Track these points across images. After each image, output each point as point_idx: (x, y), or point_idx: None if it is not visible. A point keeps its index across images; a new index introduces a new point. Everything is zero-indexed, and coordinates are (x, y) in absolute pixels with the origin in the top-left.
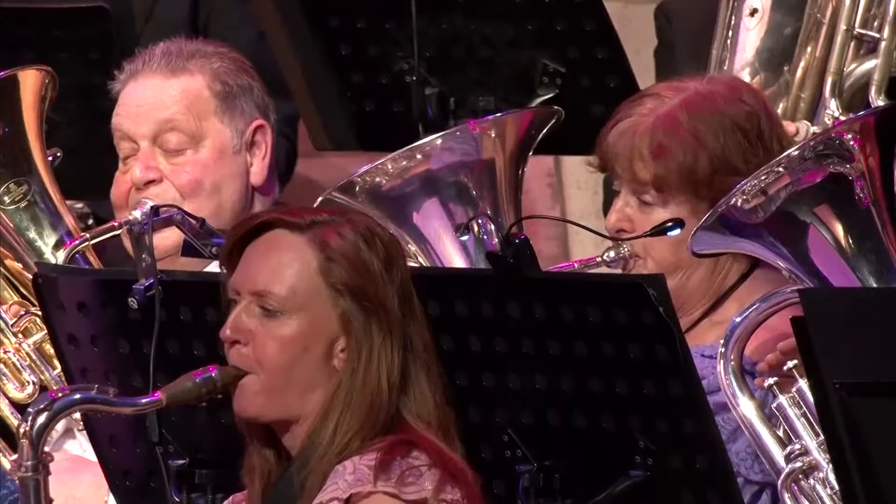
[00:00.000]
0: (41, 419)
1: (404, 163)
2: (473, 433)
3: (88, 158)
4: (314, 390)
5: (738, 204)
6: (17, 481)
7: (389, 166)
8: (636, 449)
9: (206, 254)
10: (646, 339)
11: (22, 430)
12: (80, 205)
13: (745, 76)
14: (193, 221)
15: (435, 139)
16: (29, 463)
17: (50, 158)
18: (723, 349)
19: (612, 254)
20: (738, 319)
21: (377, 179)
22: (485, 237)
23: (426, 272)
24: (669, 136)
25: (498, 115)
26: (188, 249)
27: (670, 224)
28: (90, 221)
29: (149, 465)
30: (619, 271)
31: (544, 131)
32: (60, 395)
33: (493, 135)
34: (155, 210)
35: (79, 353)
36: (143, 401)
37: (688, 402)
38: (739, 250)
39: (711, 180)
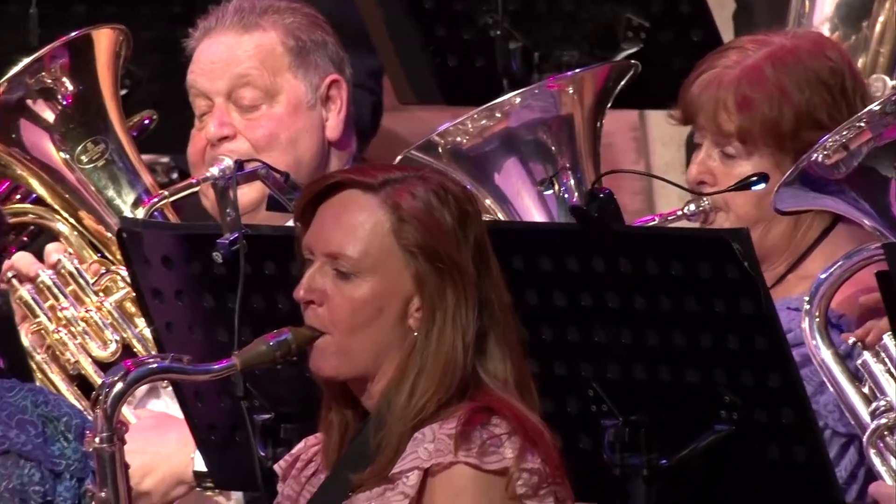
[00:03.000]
0: (115, 390)
1: (484, 121)
2: (559, 388)
3: (173, 112)
4: (389, 350)
5: (820, 160)
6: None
7: (469, 125)
8: (721, 403)
9: (291, 208)
10: (730, 293)
11: (96, 402)
12: (165, 159)
13: (825, 31)
14: (278, 175)
15: (513, 97)
16: (104, 434)
17: (146, 122)
18: (807, 306)
19: (692, 207)
20: (823, 276)
21: (457, 139)
22: (565, 193)
23: (511, 227)
24: (754, 89)
25: (576, 70)
26: (273, 204)
27: (754, 178)
28: (175, 175)
29: (234, 419)
30: (698, 224)
31: (622, 84)
32: (135, 365)
33: (570, 91)
34: (239, 164)
35: (163, 308)
36: (217, 367)
37: (772, 355)
38: (822, 207)
39: (796, 134)
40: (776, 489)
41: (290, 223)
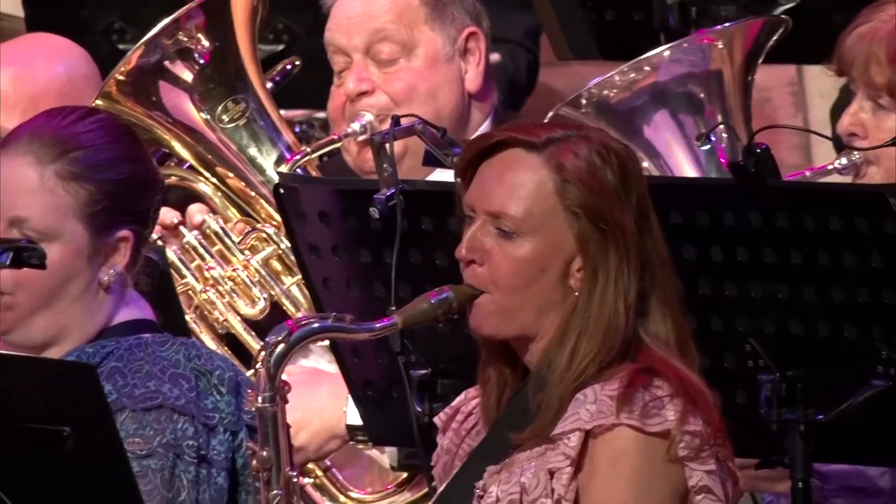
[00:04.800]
0: (278, 350)
1: (632, 75)
2: (716, 343)
3: (328, 68)
4: (550, 310)
5: None
6: (254, 412)
7: (617, 79)
8: (878, 358)
9: (448, 164)
10: (887, 248)
11: (259, 362)
12: (321, 114)
13: None
14: (434, 131)
15: (662, 51)
16: (266, 394)
17: (288, 67)
18: None
19: (843, 161)
20: None
21: (605, 93)
22: (724, 146)
23: (668, 182)
24: None
25: (726, 24)
26: (429, 159)
27: None
28: None
29: (391, 375)
30: (850, 178)
31: (773, 40)
32: (297, 325)
33: (720, 45)
34: (396, 120)
35: (320, 263)
36: (379, 325)
37: None
38: None
39: None
40: None
41: (433, 177)
